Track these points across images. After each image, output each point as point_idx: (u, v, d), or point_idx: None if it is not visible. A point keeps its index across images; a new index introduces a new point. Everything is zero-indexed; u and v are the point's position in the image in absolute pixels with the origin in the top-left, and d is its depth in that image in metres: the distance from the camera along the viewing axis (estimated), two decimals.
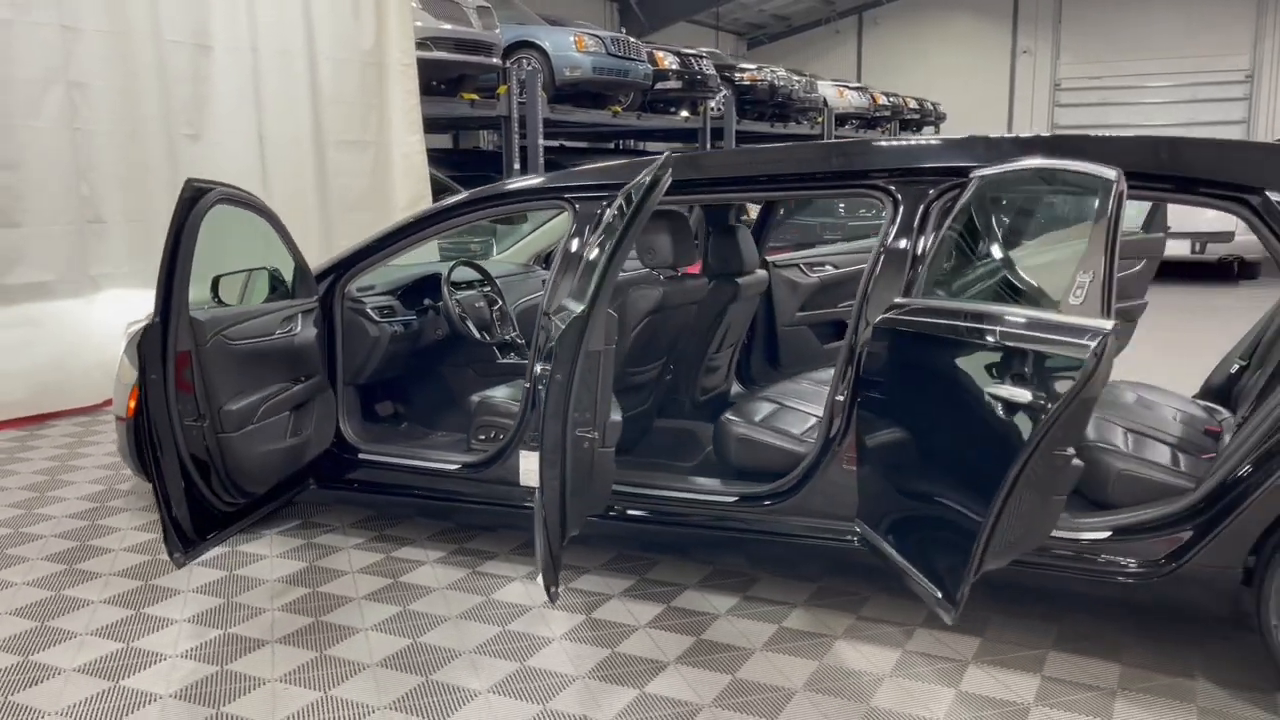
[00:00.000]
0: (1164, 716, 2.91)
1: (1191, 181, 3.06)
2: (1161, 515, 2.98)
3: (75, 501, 4.84)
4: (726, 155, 4.17)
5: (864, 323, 3.25)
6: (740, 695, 3.04)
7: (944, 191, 3.24)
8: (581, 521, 3.07)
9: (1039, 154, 3.16)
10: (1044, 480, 2.42)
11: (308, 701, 3.02)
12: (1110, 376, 4.58)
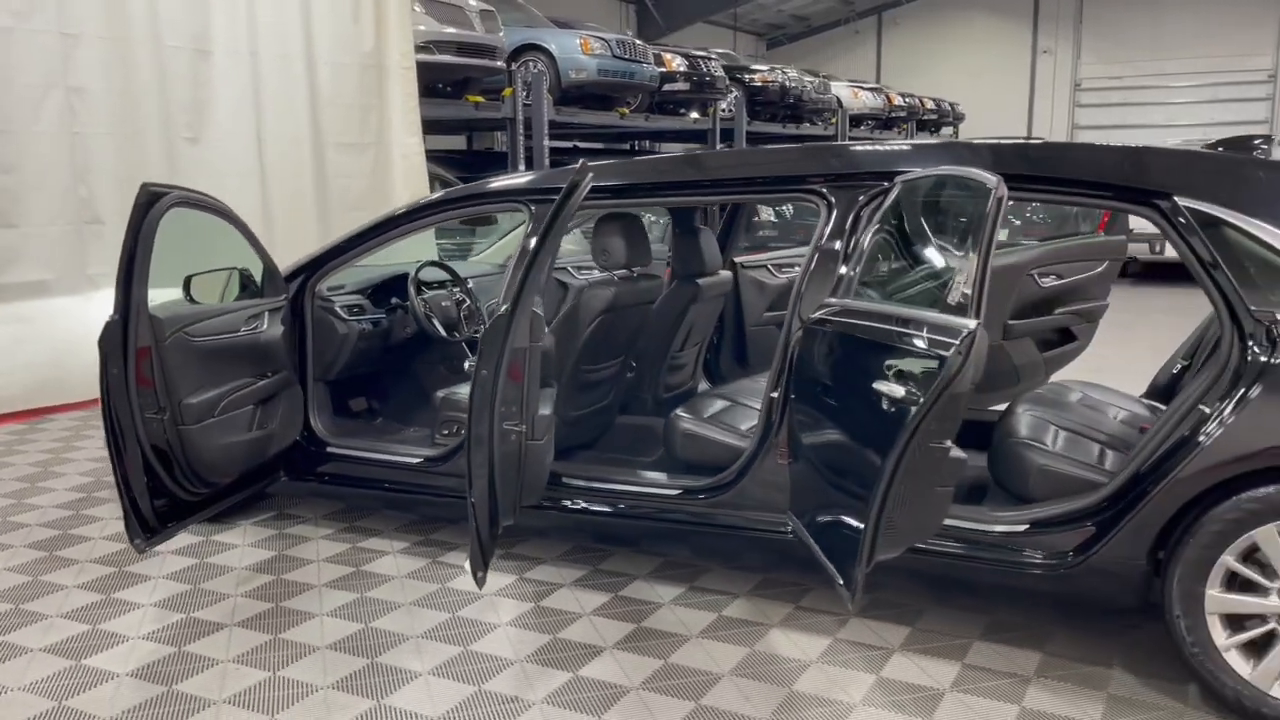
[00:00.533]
0: (1073, 702, 3.00)
1: (1106, 186, 3.15)
2: (1072, 509, 3.08)
3: (63, 493, 5.03)
4: (670, 160, 4.28)
5: (797, 321, 3.37)
6: (668, 679, 3.16)
7: (874, 196, 3.35)
8: (515, 512, 3.20)
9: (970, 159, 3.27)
10: (924, 472, 2.53)
11: (256, 680, 3.17)
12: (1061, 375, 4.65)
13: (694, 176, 3.87)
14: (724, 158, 3.92)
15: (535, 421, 3.08)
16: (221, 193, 7.20)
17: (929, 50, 33.33)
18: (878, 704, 3.01)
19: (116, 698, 3.07)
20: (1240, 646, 2.86)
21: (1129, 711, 2.96)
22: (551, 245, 2.94)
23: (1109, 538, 2.98)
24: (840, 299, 3.13)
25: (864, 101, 23.01)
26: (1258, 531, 2.78)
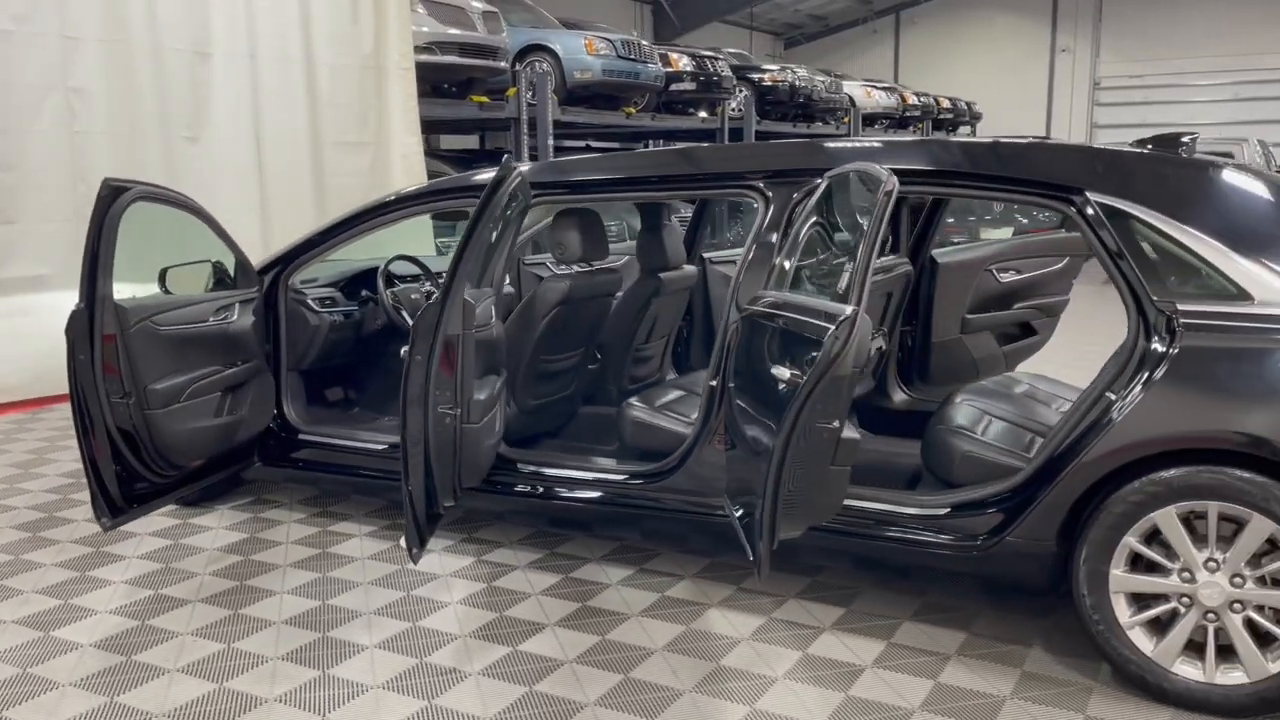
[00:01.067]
0: (986, 678, 3.12)
1: (1022, 182, 3.26)
2: (987, 494, 3.19)
3: (55, 478, 5.23)
4: (616, 158, 4.42)
5: (734, 311, 3.49)
6: (603, 653, 3.30)
7: (807, 192, 3.48)
8: (455, 493, 3.35)
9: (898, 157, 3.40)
10: (815, 452, 2.65)
11: (211, 652, 3.33)
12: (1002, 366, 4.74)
13: (639, 173, 4.01)
14: (667, 155, 4.05)
15: (471, 406, 3.22)
16: (219, 190, 7.52)
17: (947, 49, 33.26)
18: (799, 678, 3.14)
19: (78, 666, 3.24)
20: (1144, 625, 2.97)
21: (1038, 687, 3.07)
22: (479, 240, 3.08)
23: (1019, 521, 3.09)
24: (768, 290, 3.26)
25: (877, 101, 23.03)
26: (1157, 514, 2.89)
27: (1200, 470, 2.82)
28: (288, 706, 2.99)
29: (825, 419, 2.61)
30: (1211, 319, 2.90)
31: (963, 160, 3.41)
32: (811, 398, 2.55)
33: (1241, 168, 3.38)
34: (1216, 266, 2.93)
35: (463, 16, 10.97)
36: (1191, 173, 3.19)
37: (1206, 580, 2.86)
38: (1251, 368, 2.85)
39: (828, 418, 2.61)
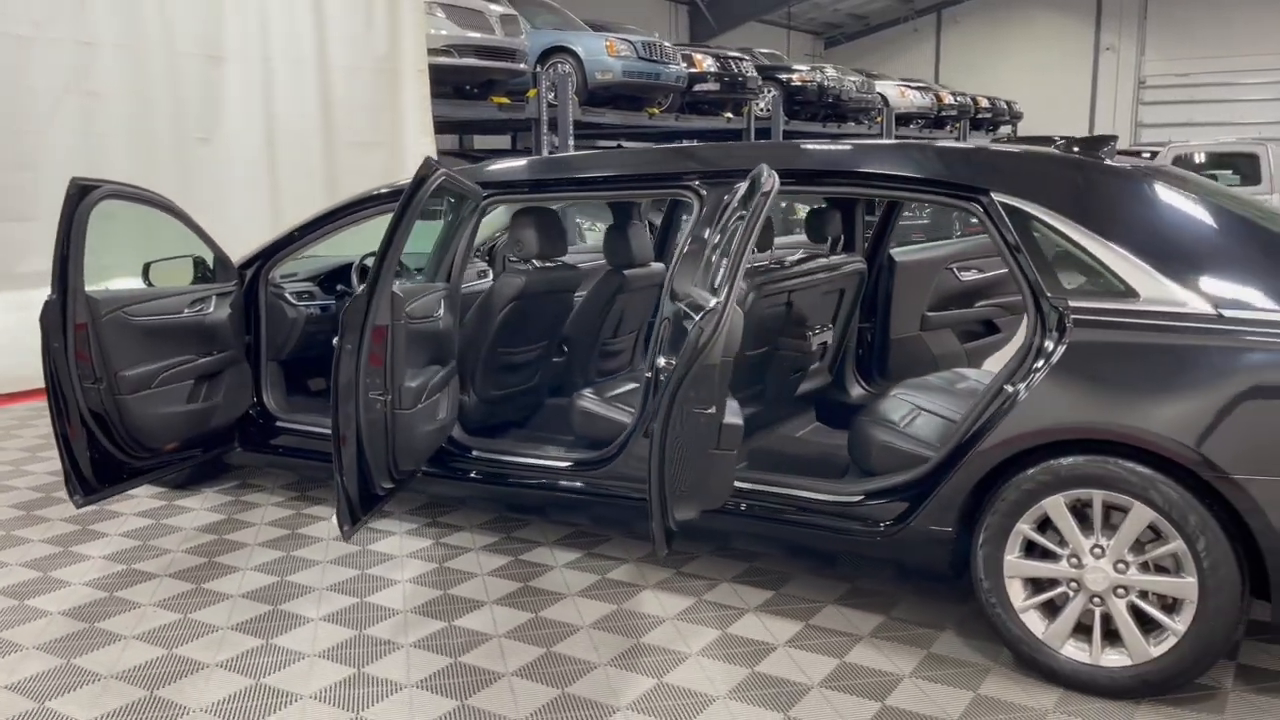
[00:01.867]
0: (890, 658, 3.25)
1: (934, 183, 3.39)
2: (897, 482, 3.32)
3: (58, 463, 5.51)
4: (571, 159, 4.59)
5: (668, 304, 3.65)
6: (532, 629, 3.48)
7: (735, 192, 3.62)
8: (387, 474, 3.54)
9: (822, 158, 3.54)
10: (695, 436, 2.81)
11: (168, 621, 3.56)
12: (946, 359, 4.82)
13: (588, 174, 4.18)
14: (613, 157, 4.22)
15: (402, 392, 3.42)
16: (231, 189, 7.82)
17: (989, 48, 33.01)
18: (711, 655, 3.29)
19: (44, 631, 3.49)
20: (1037, 608, 3.09)
21: (938, 667, 3.20)
22: (402, 235, 3.28)
23: (922, 508, 3.22)
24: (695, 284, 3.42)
25: (911, 100, 22.98)
26: (1046, 502, 3.00)
27: (1085, 460, 2.94)
28: (227, 671, 3.21)
29: (701, 405, 2.76)
30: (1099, 315, 3.01)
31: (882, 162, 3.54)
32: (683, 385, 2.70)
33: (1154, 172, 3.46)
34: (1106, 265, 3.04)
35: (481, 20, 11.20)
36: (1092, 176, 3.29)
37: (1093, 566, 2.97)
38: (1134, 363, 2.96)
39: (703, 404, 2.76)
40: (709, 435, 2.82)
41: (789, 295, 4.12)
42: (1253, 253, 3.01)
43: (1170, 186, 3.26)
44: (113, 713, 2.96)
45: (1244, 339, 2.83)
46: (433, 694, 3.06)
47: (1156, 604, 2.93)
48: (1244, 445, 2.77)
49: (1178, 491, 2.82)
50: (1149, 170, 3.43)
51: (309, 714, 2.96)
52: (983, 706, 2.98)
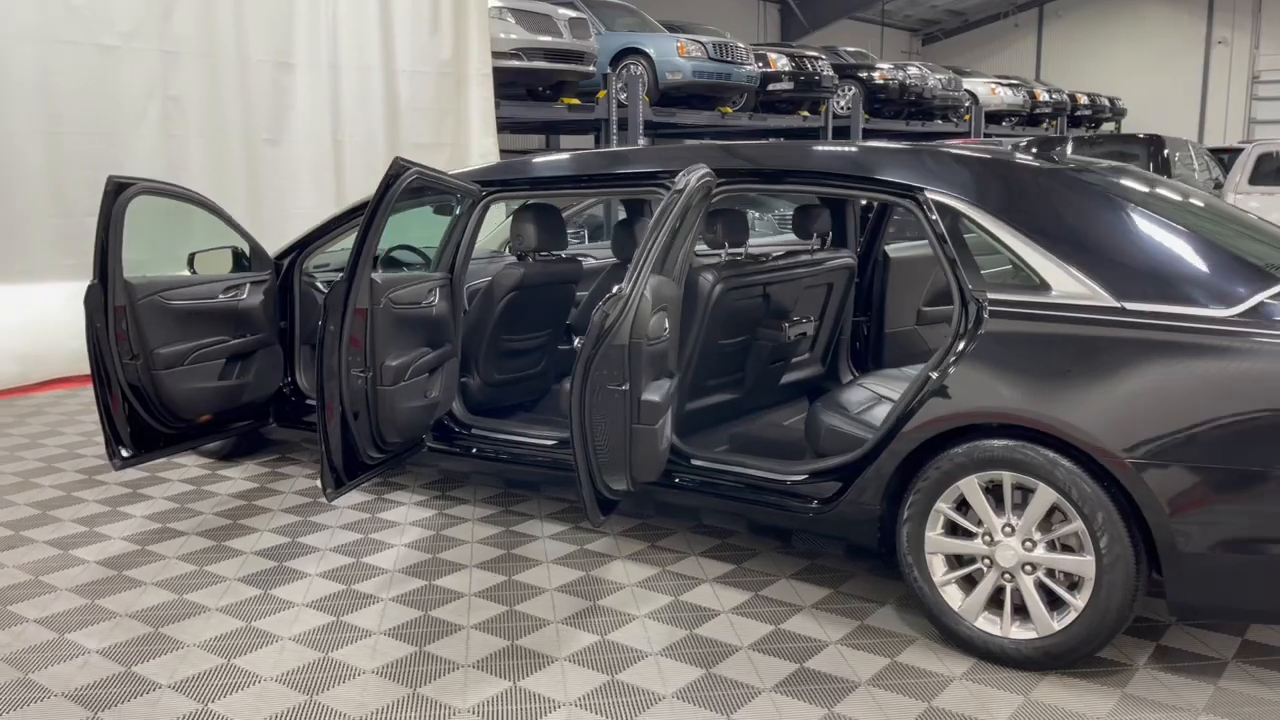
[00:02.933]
0: (824, 628, 3.47)
1: (877, 181, 3.59)
2: (835, 463, 3.53)
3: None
4: (560, 160, 4.89)
5: None
6: (504, 590, 3.80)
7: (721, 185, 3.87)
8: (373, 444, 3.89)
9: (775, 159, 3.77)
10: (612, 411, 3.07)
11: (184, 571, 3.99)
12: None
13: (570, 173, 4.48)
14: (595, 157, 4.51)
15: (383, 370, 3.76)
16: (298, 187, 8.37)
17: (1094, 43, 32.18)
18: (657, 618, 3.56)
19: (79, 576, 3.95)
20: (956, 582, 3.27)
21: (866, 636, 3.41)
22: (377, 229, 3.62)
23: (850, 487, 3.43)
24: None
25: (1002, 98, 22.67)
26: (962, 482, 3.19)
27: (996, 444, 3.12)
28: (224, 614, 3.61)
29: (614, 382, 3.03)
30: (1012, 306, 3.18)
31: (827, 162, 3.75)
32: (593, 363, 2.98)
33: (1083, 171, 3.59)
34: (1023, 259, 3.21)
35: (549, 24, 11.62)
36: (1019, 175, 3.45)
37: (1004, 544, 3.15)
38: (1041, 352, 3.12)
39: (615, 381, 3.03)
40: (626, 410, 3.09)
41: (764, 288, 4.35)
42: (1161, 250, 3.14)
43: (1099, 186, 3.40)
44: (120, 644, 3.38)
45: (1141, 331, 2.97)
46: (396, 640, 3.40)
47: (1062, 581, 3.09)
48: (1136, 431, 2.91)
49: (1077, 474, 2.98)
50: (1080, 170, 3.56)
51: (286, 652, 3.33)
52: (894, 671, 3.18)
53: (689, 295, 3.92)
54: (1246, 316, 2.86)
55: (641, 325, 3.03)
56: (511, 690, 3.08)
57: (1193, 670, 3.17)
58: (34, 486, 5.07)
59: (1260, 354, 2.82)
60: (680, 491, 3.86)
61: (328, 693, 3.07)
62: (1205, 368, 2.88)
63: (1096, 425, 2.95)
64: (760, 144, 3.87)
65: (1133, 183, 3.68)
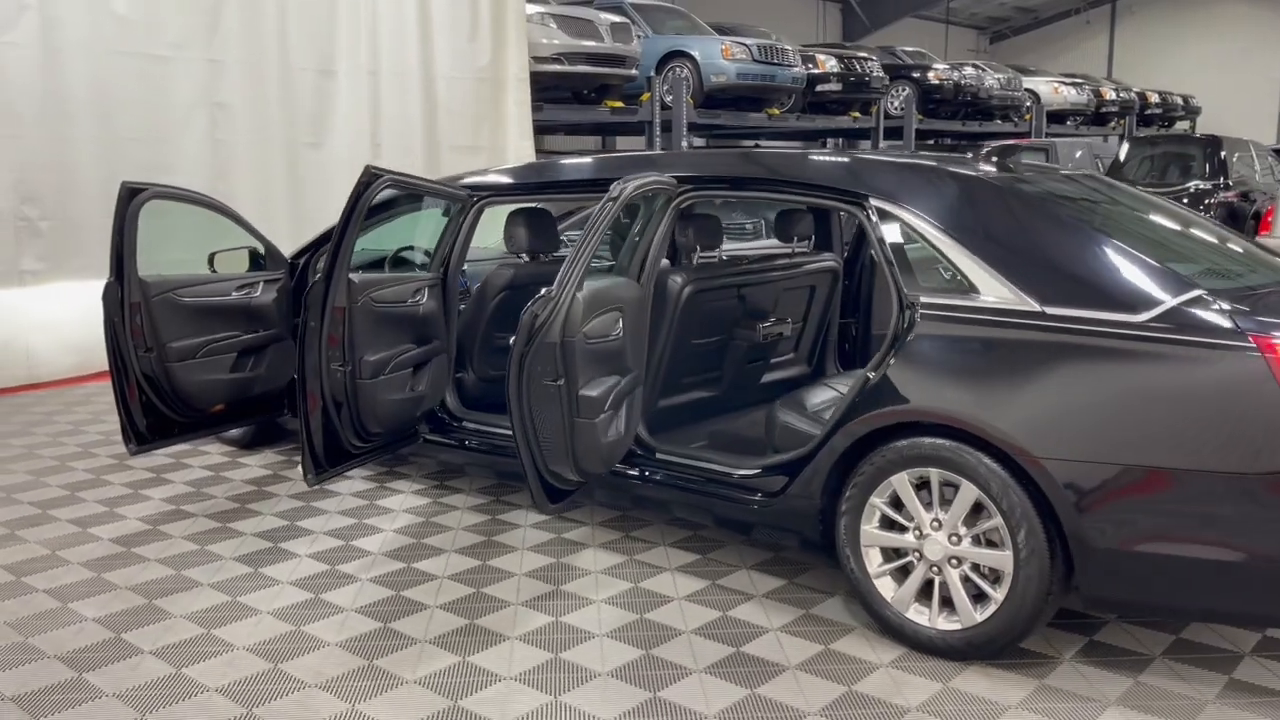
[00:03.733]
0: (769, 615, 3.63)
1: (827, 189, 3.73)
2: (785, 459, 3.68)
3: None
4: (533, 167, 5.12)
5: None
6: (476, 574, 4.02)
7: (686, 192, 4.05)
8: (354, 433, 4.13)
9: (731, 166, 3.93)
10: (549, 404, 3.26)
11: (186, 550, 4.28)
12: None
13: (549, 179, 4.68)
14: (575, 164, 4.71)
15: (362, 364, 4.00)
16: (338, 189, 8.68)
17: (1168, 40, 31.48)
18: (614, 603, 3.75)
19: (90, 551, 4.27)
20: (890, 574, 3.41)
21: (807, 624, 3.56)
22: (352, 231, 3.86)
23: (794, 482, 3.58)
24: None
25: (1065, 97, 22.34)
26: (894, 478, 3.32)
27: (924, 441, 3.25)
28: (214, 589, 3.89)
29: (547, 377, 3.23)
30: (942, 310, 3.31)
31: (782, 170, 3.90)
32: (526, 359, 3.19)
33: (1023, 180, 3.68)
34: (956, 264, 3.33)
35: (591, 29, 11.86)
36: (958, 183, 3.56)
37: (932, 538, 3.27)
38: (965, 354, 3.25)
39: (548, 376, 3.23)
40: (562, 404, 3.29)
41: (739, 290, 4.51)
42: (1084, 257, 3.23)
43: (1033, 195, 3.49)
44: (114, 613, 3.68)
45: (1059, 335, 3.08)
46: (365, 617, 3.65)
47: (987, 575, 3.21)
48: (1050, 430, 3.03)
49: (997, 472, 3.10)
50: (1020, 180, 3.66)
51: (262, 624, 3.59)
52: (825, 658, 3.33)
53: (658, 296, 4.11)
54: (1157, 322, 2.95)
55: (574, 325, 3.23)
56: (460, 665, 3.30)
57: (1116, 664, 3.26)
58: (68, 470, 5.45)
59: (1166, 358, 2.92)
60: (649, 484, 4.04)
61: (291, 662, 3.32)
62: (1115, 370, 2.98)
63: (1013, 425, 3.06)
64: (723, 152, 4.03)
65: (1076, 191, 3.77)
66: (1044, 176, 3.84)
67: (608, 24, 12.03)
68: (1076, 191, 3.76)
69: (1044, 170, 4.08)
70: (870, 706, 3.04)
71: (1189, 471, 2.86)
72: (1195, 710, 3.01)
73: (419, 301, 4.38)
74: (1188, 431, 2.87)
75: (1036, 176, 3.77)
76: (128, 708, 3.05)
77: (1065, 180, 3.84)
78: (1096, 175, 4.11)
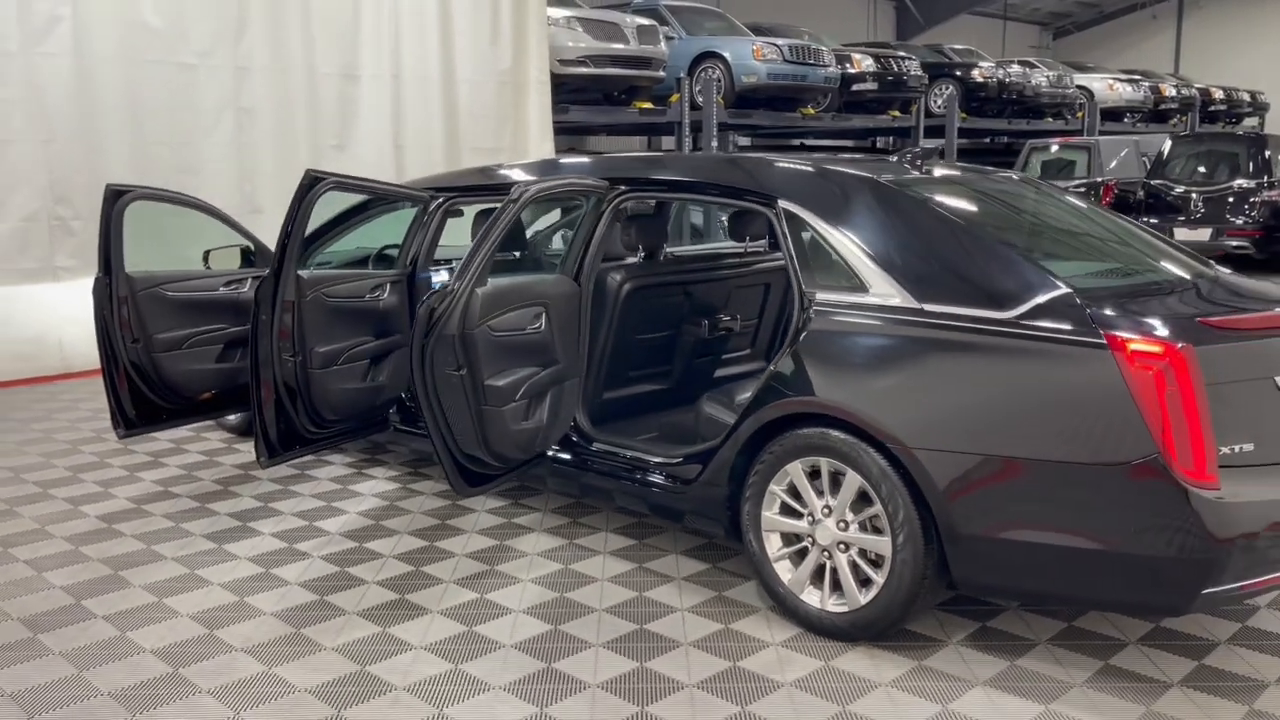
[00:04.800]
0: (685, 596, 3.80)
1: (742, 191, 3.90)
2: (702, 448, 3.85)
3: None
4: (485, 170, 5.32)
5: None
6: (421, 554, 4.26)
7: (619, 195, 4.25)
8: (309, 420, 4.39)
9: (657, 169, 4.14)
10: (454, 393, 3.49)
11: (161, 527, 4.60)
12: None
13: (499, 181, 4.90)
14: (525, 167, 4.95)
15: (312, 355, 4.26)
16: None
17: (1238, 36, 30.64)
18: (541, 583, 3.95)
19: (76, 527, 4.61)
20: (788, 558, 3.57)
21: (716, 605, 3.73)
22: (299, 231, 4.11)
23: (706, 469, 3.76)
24: None
25: (1120, 94, 21.96)
26: (789, 467, 3.48)
27: (814, 431, 3.41)
28: (176, 563, 4.19)
29: (449, 367, 3.45)
30: (834, 307, 3.46)
31: (703, 173, 4.08)
32: (426, 350, 3.41)
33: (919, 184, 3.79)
34: (849, 264, 3.48)
35: (616, 31, 12.08)
36: (856, 186, 3.69)
37: (823, 524, 3.43)
38: (851, 348, 3.39)
39: (450, 366, 3.45)
40: (465, 393, 3.51)
41: (685, 288, 4.69)
42: (961, 256, 3.35)
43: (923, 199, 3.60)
44: (80, 582, 4.00)
45: (934, 330, 3.21)
46: (305, 590, 3.91)
47: (875, 560, 3.36)
48: (921, 421, 3.16)
49: (877, 461, 3.25)
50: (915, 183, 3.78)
51: (211, 595, 3.88)
52: (721, 636, 3.50)
53: (598, 293, 4.31)
54: (1021, 318, 3.08)
55: (472, 318, 3.44)
56: (378, 635, 3.54)
57: (999, 649, 3.38)
58: (77, 453, 5.84)
59: (1026, 353, 3.04)
60: (590, 473, 4.24)
61: (226, 628, 3.59)
62: (981, 364, 3.11)
63: (889, 416, 3.21)
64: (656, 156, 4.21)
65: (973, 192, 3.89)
66: (950, 179, 3.96)
67: (634, 26, 12.24)
68: (980, 193, 3.87)
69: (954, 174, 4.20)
70: (749, 681, 3.21)
71: (1044, 462, 2.98)
72: (1060, 691, 3.12)
73: (379, 297, 4.64)
74: (1044, 424, 2.99)
75: (940, 180, 3.89)
76: (69, 664, 3.35)
77: (977, 182, 3.95)
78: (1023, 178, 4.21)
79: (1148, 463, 2.82)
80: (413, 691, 3.17)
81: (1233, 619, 3.60)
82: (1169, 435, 2.79)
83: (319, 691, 3.17)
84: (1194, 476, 2.79)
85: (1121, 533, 2.91)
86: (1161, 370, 2.82)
